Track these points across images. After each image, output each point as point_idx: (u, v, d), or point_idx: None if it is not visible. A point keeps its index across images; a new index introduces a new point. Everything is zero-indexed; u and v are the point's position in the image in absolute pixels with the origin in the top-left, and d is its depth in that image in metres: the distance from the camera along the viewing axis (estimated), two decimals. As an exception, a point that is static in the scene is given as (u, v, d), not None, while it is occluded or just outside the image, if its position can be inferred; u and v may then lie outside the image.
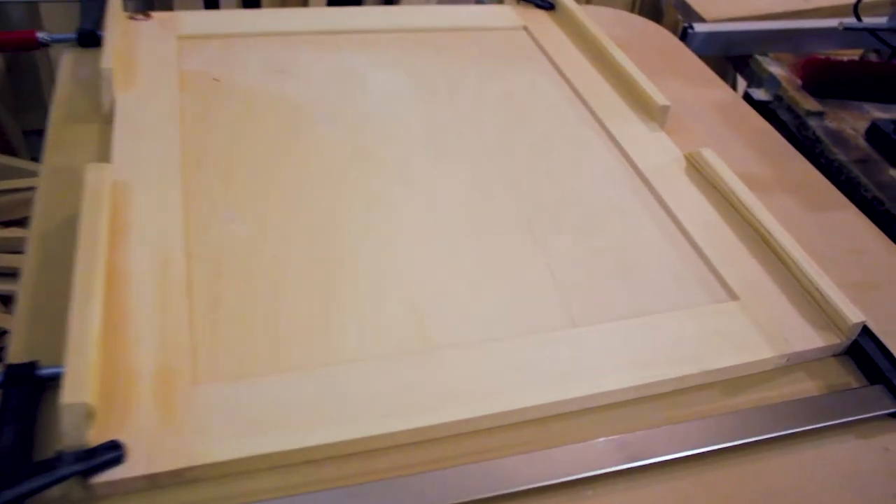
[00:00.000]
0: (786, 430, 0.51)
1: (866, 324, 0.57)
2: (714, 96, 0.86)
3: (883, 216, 1.00)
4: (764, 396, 0.54)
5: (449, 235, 0.62)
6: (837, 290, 0.58)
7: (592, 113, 0.77)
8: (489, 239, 0.62)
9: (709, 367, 0.53)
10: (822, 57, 1.18)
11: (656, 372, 0.53)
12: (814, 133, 1.12)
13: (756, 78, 1.25)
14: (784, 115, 1.19)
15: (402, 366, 0.51)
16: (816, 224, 0.70)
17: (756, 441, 0.50)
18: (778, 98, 1.20)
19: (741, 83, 1.37)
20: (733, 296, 0.59)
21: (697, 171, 0.70)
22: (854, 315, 0.56)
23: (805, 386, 0.55)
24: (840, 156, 1.08)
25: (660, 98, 0.76)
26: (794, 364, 0.56)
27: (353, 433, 0.47)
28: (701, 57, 1.50)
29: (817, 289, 0.58)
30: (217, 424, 0.47)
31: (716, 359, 0.54)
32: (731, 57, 1.36)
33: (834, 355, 0.57)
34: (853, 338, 0.57)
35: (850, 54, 1.22)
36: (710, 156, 0.69)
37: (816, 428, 0.52)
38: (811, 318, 0.58)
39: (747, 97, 1.27)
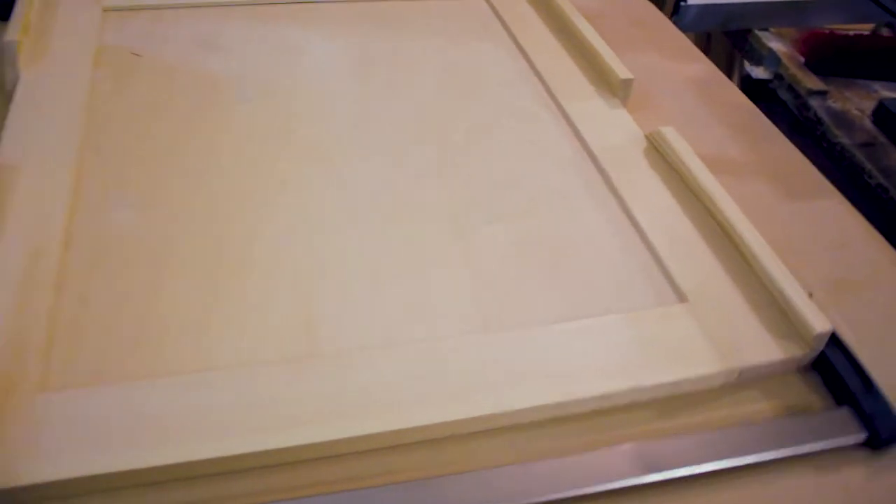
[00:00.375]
0: (728, 461, 0.43)
1: (836, 333, 0.49)
2: (692, 71, 0.77)
3: (886, 205, 0.91)
4: (706, 419, 0.46)
5: (361, 226, 0.55)
6: (802, 292, 0.49)
7: (547, 88, 0.69)
8: (407, 230, 0.55)
9: (642, 383, 0.45)
10: (827, 31, 1.08)
11: (577, 388, 0.45)
12: (815, 114, 1.03)
13: (756, 55, 1.16)
14: (784, 95, 1.09)
15: (281, 373, 0.44)
16: (795, 214, 0.61)
17: (689, 475, 0.42)
18: (778, 76, 1.10)
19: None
20: (682, 297, 0.51)
21: (658, 152, 0.62)
22: (819, 323, 0.47)
23: (758, 407, 0.47)
24: (843, 139, 0.98)
25: (622, 71, 0.67)
26: (748, 381, 0.48)
27: (209, 452, 0.40)
28: (697, 33, 1.40)
29: (779, 291, 0.50)
30: (54, 439, 0.40)
31: (652, 373, 0.46)
32: (729, 33, 1.26)
33: (798, 370, 0.49)
34: (819, 350, 0.48)
35: (860, 29, 1.12)
36: (672, 135, 0.61)
37: (766, 460, 0.44)
38: (772, 326, 0.49)
39: (746, 76, 1.18)
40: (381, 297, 0.50)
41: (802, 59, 1.10)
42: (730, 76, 1.43)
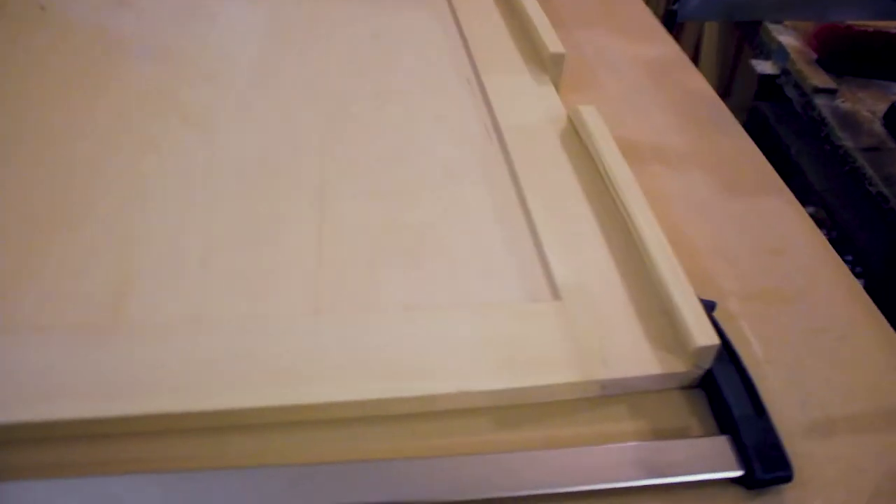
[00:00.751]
0: (567, 486, 0.36)
1: (733, 350, 0.41)
2: (651, 52, 0.69)
3: (886, 215, 0.80)
4: (554, 435, 0.39)
5: (216, 193, 0.49)
6: (694, 300, 0.41)
7: (472, 60, 0.62)
8: (265, 201, 0.49)
9: (477, 387, 0.39)
10: (843, 25, 0.97)
11: (401, 386, 0.38)
12: (820, 113, 0.92)
13: (764, 49, 1.06)
14: (790, 92, 0.99)
15: (78, 343, 0.39)
16: (732, 212, 0.53)
17: (513, 498, 0.35)
18: (785, 72, 1.00)
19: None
20: (555, 294, 0.44)
21: (577, 134, 0.55)
22: (704, 336, 0.39)
23: (622, 426, 0.39)
24: (847, 141, 0.88)
25: (553, 45, 0.60)
26: (619, 395, 0.40)
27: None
28: (703, 24, 1.30)
29: (668, 297, 0.42)
30: None
31: (493, 376, 0.39)
32: (740, 24, 1.16)
33: (684, 389, 0.41)
34: (706, 367, 0.40)
35: (885, 26, 1.00)
36: (590, 114, 0.53)
37: (614, 488, 0.36)
38: (656, 336, 0.41)
39: (752, 71, 1.08)
40: (212, 269, 0.44)
41: (814, 55, 1.00)
42: (735, 72, 1.32)
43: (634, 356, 0.40)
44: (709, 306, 0.43)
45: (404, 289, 0.44)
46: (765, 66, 1.04)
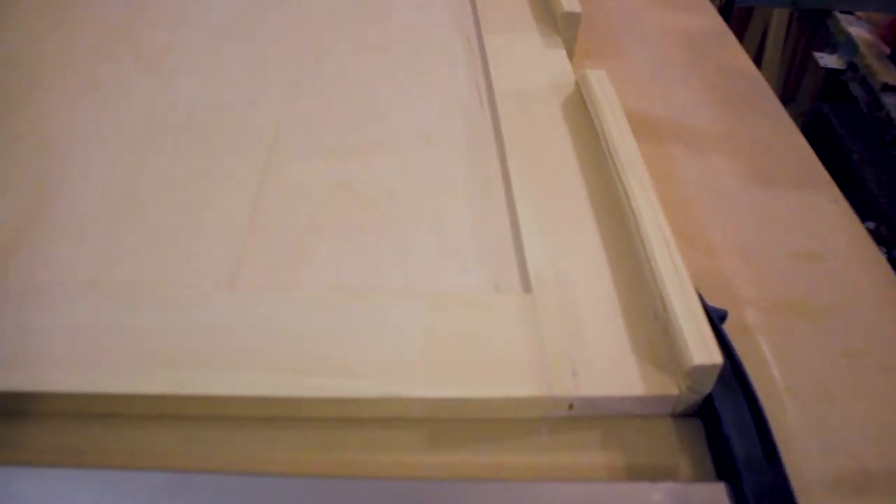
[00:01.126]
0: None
1: (742, 371, 0.32)
2: (689, 22, 0.60)
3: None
4: (499, 463, 0.31)
5: (150, 146, 0.43)
6: (698, 308, 0.33)
7: (476, 17, 0.54)
8: (207, 157, 0.42)
9: (414, 393, 0.31)
10: (922, 14, 0.86)
11: (312, 382, 0.31)
12: (887, 114, 0.82)
13: (831, 41, 0.95)
14: (856, 90, 0.88)
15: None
16: (763, 206, 0.44)
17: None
18: (852, 67, 0.89)
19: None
20: (526, 286, 0.36)
21: (583, 102, 0.46)
22: (703, 351, 0.31)
23: (588, 459, 0.31)
24: (914, 146, 0.77)
25: (569, 2, 0.51)
26: (588, 418, 0.32)
27: None
28: (769, 23, 1.20)
29: (664, 302, 0.33)
30: None
31: (437, 381, 0.31)
32: (805, 14, 1.05)
33: (675, 416, 0.33)
34: (705, 391, 0.32)
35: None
36: (598, 80, 0.45)
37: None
38: (645, 349, 0.33)
39: (818, 76, 0.97)
40: (126, 227, 0.38)
41: (887, 49, 0.89)
42: (805, 66, 1.21)
43: (614, 370, 0.32)
44: (717, 315, 0.35)
45: (341, 266, 0.36)
46: (829, 60, 0.94)
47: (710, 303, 0.35)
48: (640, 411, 0.32)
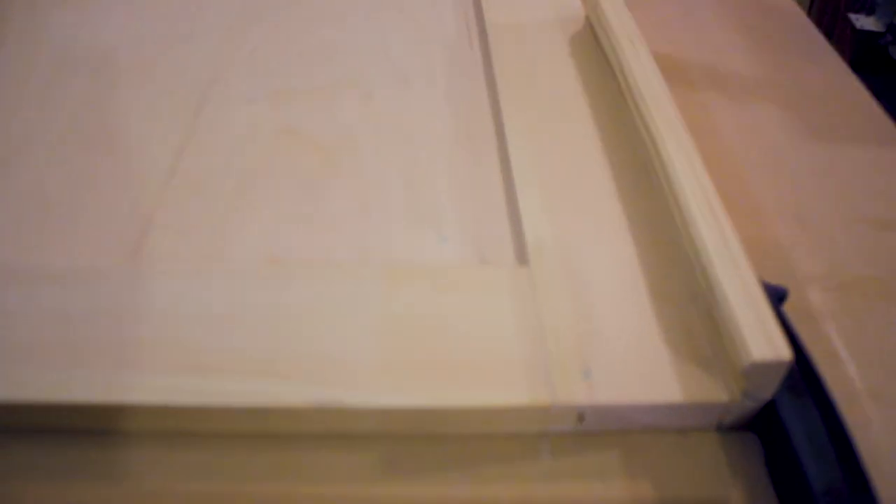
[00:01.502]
0: None
1: (814, 371, 0.24)
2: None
3: None
4: (480, 498, 0.22)
5: (61, 91, 0.34)
6: (749, 279, 0.24)
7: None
8: (119, 98, 0.34)
9: (365, 402, 0.22)
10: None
11: (223, 386, 0.22)
12: (936, 78, 0.72)
13: (868, 1, 0.86)
14: (897, 53, 0.79)
15: None
16: (821, 164, 0.35)
17: None
18: (892, 28, 0.80)
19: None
20: (521, 257, 0.27)
21: (595, 38, 0.38)
22: (763, 343, 0.22)
23: (605, 491, 0.23)
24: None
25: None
26: (605, 434, 0.24)
27: None
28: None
29: (708, 278, 0.25)
30: None
31: (397, 384, 0.23)
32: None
33: (722, 429, 0.24)
34: (764, 398, 0.23)
35: None
36: (613, 7, 0.36)
37: None
38: (679, 337, 0.25)
39: (850, 27, 0.88)
40: (10, 177, 0.29)
41: (932, 8, 0.79)
42: (831, 30, 1.11)
43: (640, 370, 0.24)
44: (775, 295, 0.26)
45: (279, 233, 0.28)
46: (866, 22, 0.84)
47: (764, 279, 0.26)
48: (675, 424, 0.24)
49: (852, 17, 0.87)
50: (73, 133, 0.32)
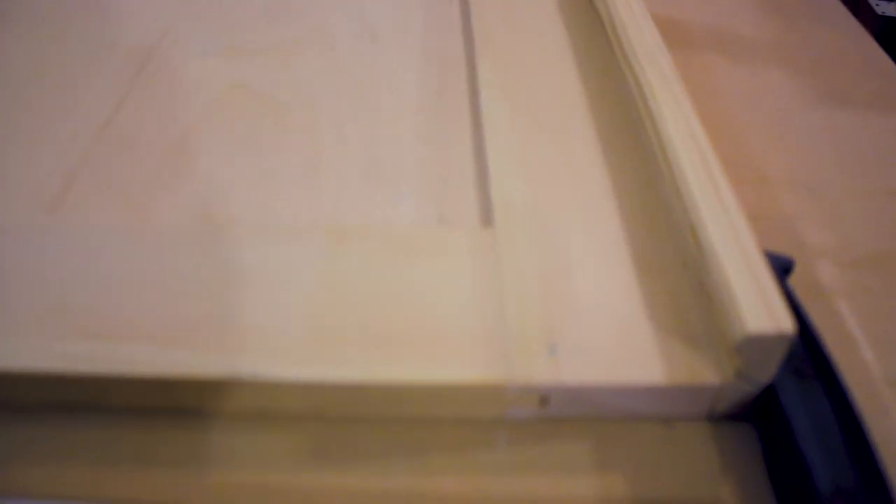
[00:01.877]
0: None
1: (821, 347, 0.20)
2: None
3: None
4: (427, 492, 0.19)
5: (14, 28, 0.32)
6: (749, 244, 0.21)
7: None
8: (60, 55, 0.31)
9: (296, 375, 0.19)
10: None
11: (130, 353, 0.19)
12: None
13: (889, -16, 0.82)
14: (920, 39, 0.75)
15: None
16: (834, 130, 0.32)
17: None
18: (916, 12, 0.76)
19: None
20: (486, 218, 0.24)
21: (587, -3, 0.34)
22: (760, 317, 0.19)
23: (573, 487, 0.19)
24: None
25: None
26: (574, 420, 0.20)
27: None
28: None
29: (698, 233, 0.22)
30: None
31: (333, 358, 0.20)
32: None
33: (714, 418, 0.21)
34: (762, 379, 0.20)
35: None
36: (605, -42, 0.33)
37: None
38: (665, 307, 0.21)
39: (871, 12, 0.84)
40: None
41: (957, -9, 0.76)
42: (854, 13, 1.07)
43: (616, 346, 0.20)
44: (779, 266, 0.23)
45: (217, 190, 0.25)
46: (887, 8, 0.80)
47: (768, 249, 0.23)
48: (657, 412, 0.20)
49: (872, 2, 0.83)
50: (2, 85, 0.29)
